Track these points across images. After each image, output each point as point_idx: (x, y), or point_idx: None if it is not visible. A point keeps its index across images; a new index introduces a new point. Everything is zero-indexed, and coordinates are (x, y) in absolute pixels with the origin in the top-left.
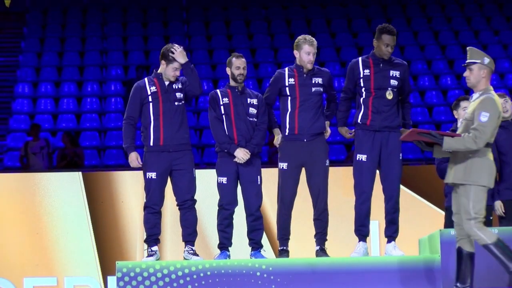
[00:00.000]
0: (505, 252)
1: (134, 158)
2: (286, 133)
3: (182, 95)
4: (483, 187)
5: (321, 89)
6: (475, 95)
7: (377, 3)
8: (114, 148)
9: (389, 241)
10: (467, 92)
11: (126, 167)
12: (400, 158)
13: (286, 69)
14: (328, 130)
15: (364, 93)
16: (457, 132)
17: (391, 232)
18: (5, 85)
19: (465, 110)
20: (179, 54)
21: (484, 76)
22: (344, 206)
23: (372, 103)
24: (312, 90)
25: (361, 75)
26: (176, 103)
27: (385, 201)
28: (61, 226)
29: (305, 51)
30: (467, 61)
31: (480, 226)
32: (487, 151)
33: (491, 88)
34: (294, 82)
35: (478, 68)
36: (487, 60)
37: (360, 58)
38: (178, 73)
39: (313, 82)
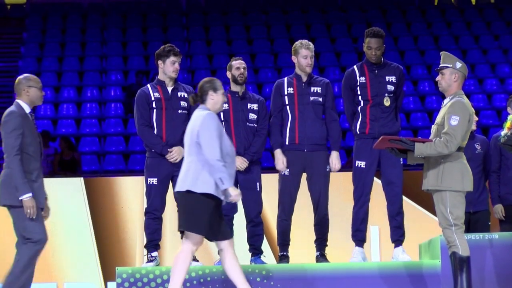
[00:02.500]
0: (467, 273)
1: (177, 152)
2: (287, 143)
3: (187, 104)
4: (458, 192)
5: (320, 99)
6: (446, 100)
7: (377, 8)
8: (114, 153)
9: (396, 246)
10: (468, 97)
11: (126, 172)
12: (401, 162)
13: (285, 78)
14: (336, 164)
15: (361, 101)
16: (429, 138)
17: (398, 236)
18: (5, 91)
19: None
20: (176, 153)
21: (456, 80)
22: (345, 212)
23: (370, 111)
24: (310, 99)
25: (358, 83)
26: (179, 111)
27: (387, 206)
28: (61, 232)
29: (302, 55)
30: (440, 65)
31: (461, 234)
32: (460, 155)
33: (462, 92)
34: (293, 91)
35: (450, 72)
36: (459, 64)
37: (355, 66)
38: (177, 66)
39: (312, 91)
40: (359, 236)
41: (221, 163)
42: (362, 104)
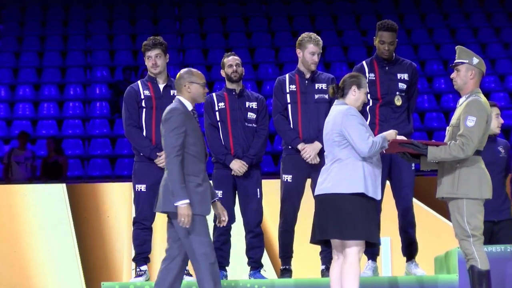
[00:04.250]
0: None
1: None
2: (289, 146)
3: None
4: (475, 200)
5: (326, 96)
6: (461, 99)
7: None
8: (99, 157)
9: (409, 260)
10: (487, 96)
11: (113, 178)
12: (413, 168)
13: (287, 75)
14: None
15: (370, 100)
16: (444, 140)
17: (410, 249)
18: None
19: None
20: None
21: (472, 77)
22: None
23: (379, 111)
24: (316, 97)
25: (367, 80)
26: None
27: (398, 216)
28: (41, 243)
29: (310, 51)
30: (455, 61)
31: (479, 246)
32: (477, 160)
33: (479, 90)
34: (295, 89)
35: (466, 69)
36: (475, 60)
37: (364, 62)
38: (156, 61)
39: (316, 88)
40: (372, 249)
41: (372, 145)
42: (371, 104)
